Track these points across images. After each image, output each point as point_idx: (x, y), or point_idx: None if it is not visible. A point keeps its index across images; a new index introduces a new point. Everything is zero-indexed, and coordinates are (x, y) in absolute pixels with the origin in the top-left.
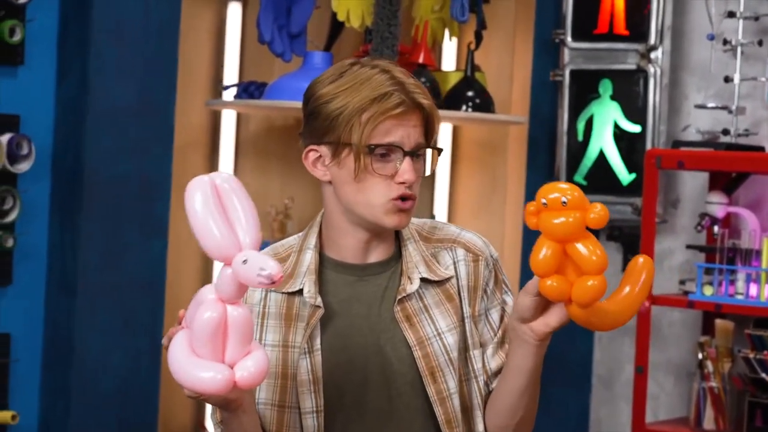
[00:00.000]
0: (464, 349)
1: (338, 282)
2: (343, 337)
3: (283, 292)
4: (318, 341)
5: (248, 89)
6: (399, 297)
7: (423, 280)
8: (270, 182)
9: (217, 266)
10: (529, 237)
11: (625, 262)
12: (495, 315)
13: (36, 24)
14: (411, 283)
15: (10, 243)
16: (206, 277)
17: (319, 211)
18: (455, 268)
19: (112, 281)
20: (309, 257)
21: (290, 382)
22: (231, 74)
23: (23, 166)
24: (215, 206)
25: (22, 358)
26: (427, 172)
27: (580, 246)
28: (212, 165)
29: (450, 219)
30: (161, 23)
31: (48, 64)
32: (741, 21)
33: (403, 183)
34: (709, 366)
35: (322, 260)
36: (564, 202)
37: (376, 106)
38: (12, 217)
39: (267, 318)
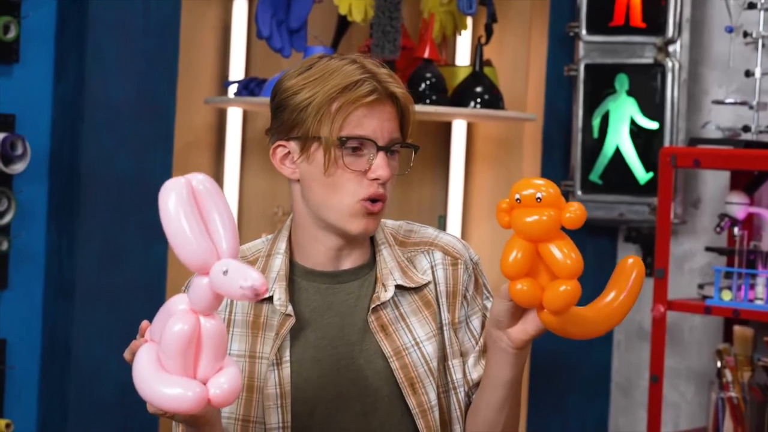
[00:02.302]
0: (443, 358)
1: (309, 290)
2: (315, 349)
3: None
4: (287, 353)
5: (249, 86)
6: (373, 306)
7: (398, 287)
8: (277, 182)
9: None
10: None
11: (644, 265)
12: (476, 322)
13: (32, 20)
14: (385, 291)
15: (5, 246)
16: None
17: None
18: (433, 272)
19: (112, 285)
20: (279, 263)
21: (256, 395)
22: (237, 71)
23: (18, 167)
24: (191, 210)
25: (18, 365)
26: (401, 171)
27: (553, 247)
28: (217, 164)
29: (464, 218)
30: (162, 18)
31: (44, 61)
32: (762, 12)
33: (376, 179)
34: (728, 375)
35: (292, 267)
36: (538, 199)
37: (346, 94)
38: (7, 219)
39: (233, 326)
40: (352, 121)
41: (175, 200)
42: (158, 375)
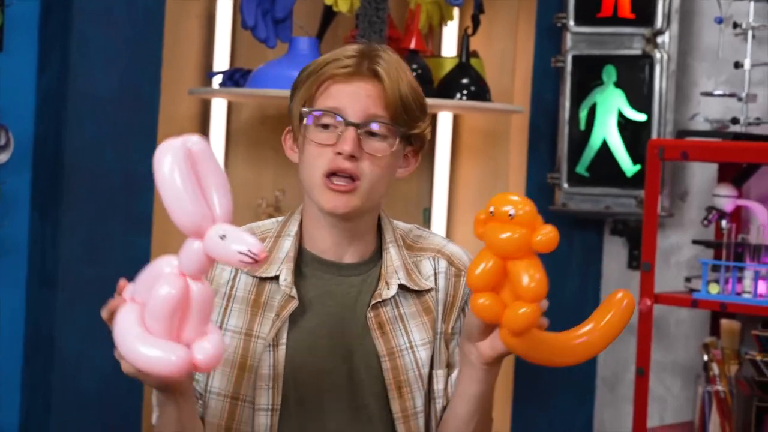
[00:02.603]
0: (431, 366)
1: (313, 277)
2: (312, 336)
3: (255, 276)
4: (285, 336)
5: (233, 77)
6: (374, 302)
7: (401, 287)
8: (262, 174)
9: None
10: None
11: (630, 258)
12: None
13: (15, 8)
14: (388, 289)
15: None
16: None
17: None
18: (435, 279)
19: (95, 276)
20: (288, 245)
21: (248, 374)
22: (222, 62)
23: (2, 157)
24: (187, 172)
25: (1, 356)
26: (384, 153)
27: (520, 267)
28: None
29: (450, 210)
30: (146, 8)
31: (28, 50)
32: (752, 3)
33: (339, 154)
34: (715, 369)
35: (300, 252)
36: (510, 216)
37: (323, 68)
38: None
39: (233, 301)
40: (323, 94)
41: (171, 162)
42: (142, 336)
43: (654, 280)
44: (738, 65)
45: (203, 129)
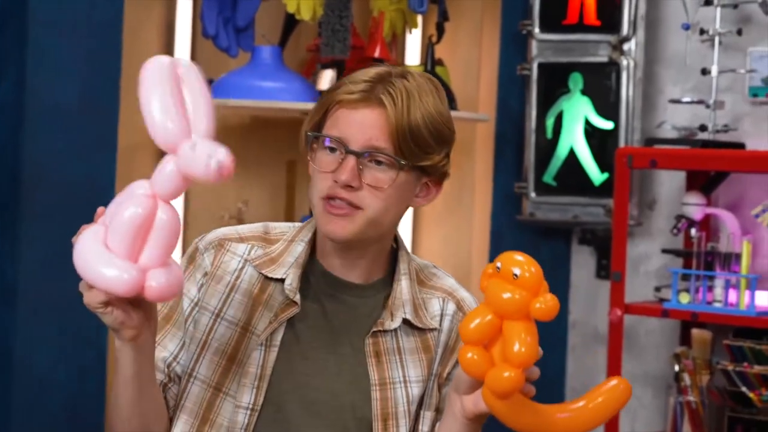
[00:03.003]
0: (420, 406)
1: (318, 288)
2: (306, 346)
3: (261, 273)
4: (279, 337)
5: None
6: (374, 329)
7: (405, 321)
8: (223, 185)
9: None
10: (498, 242)
11: (599, 268)
12: None
13: None
14: (392, 320)
15: None
16: None
17: (276, 215)
18: (441, 320)
19: (56, 291)
20: (300, 250)
21: (235, 368)
22: None
23: None
24: (170, 88)
25: None
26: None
27: (514, 330)
28: None
29: (414, 222)
30: (105, 16)
31: None
32: (719, 9)
33: (336, 181)
34: (686, 379)
35: (311, 260)
36: (515, 276)
37: (335, 92)
38: None
39: (236, 291)
40: (331, 120)
41: (156, 75)
42: (100, 254)
43: (624, 290)
44: (705, 72)
45: None
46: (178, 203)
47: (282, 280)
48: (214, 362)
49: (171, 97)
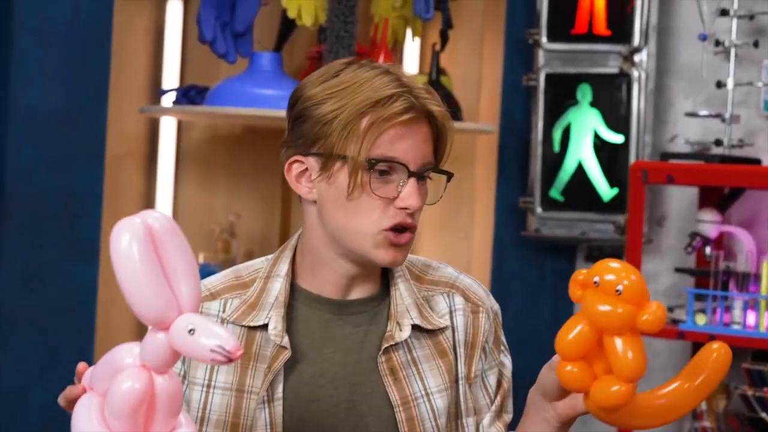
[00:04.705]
0: (455, 415)
1: (310, 319)
2: (311, 387)
3: (243, 326)
4: (280, 389)
5: (188, 94)
6: (385, 345)
7: (414, 327)
8: (214, 197)
9: None
10: (501, 257)
11: None
12: (492, 379)
13: None
14: (401, 330)
15: None
16: None
17: (270, 228)
18: (452, 317)
19: (35, 309)
20: (278, 287)
21: None
22: (171, 78)
23: None
24: (149, 255)
25: None
26: (434, 200)
27: (619, 343)
28: (149, 178)
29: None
30: (92, 21)
31: None
32: (735, 20)
33: (404, 209)
34: (702, 404)
35: (293, 291)
36: (618, 291)
37: (379, 110)
38: None
39: None
40: (384, 142)
41: (130, 243)
42: None
43: None
44: (720, 85)
45: (151, 149)
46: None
47: (266, 325)
48: None
49: (149, 265)
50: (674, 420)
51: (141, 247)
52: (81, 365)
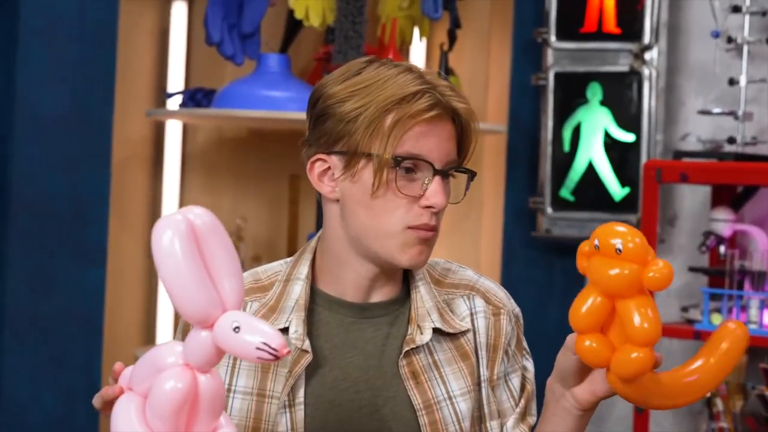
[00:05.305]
0: (479, 419)
1: (331, 323)
2: (333, 391)
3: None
4: (301, 393)
5: (195, 97)
6: (406, 349)
7: (436, 330)
8: (220, 200)
9: (163, 299)
10: (510, 258)
11: None
12: (515, 381)
13: None
14: (422, 333)
15: None
16: (150, 309)
17: (278, 232)
18: (473, 320)
19: (43, 314)
20: (298, 290)
21: None
22: (176, 81)
23: None
24: (191, 252)
25: None
26: (457, 199)
27: (632, 307)
28: (155, 182)
29: None
30: (97, 24)
31: None
32: (747, 16)
33: (429, 207)
34: (719, 404)
35: (313, 295)
36: (618, 250)
37: (404, 107)
38: None
39: (240, 360)
40: (409, 139)
41: (172, 240)
42: None
43: None
44: (733, 82)
45: (156, 153)
46: None
47: (287, 329)
48: None
49: (192, 262)
50: (697, 399)
51: (183, 244)
52: (118, 365)
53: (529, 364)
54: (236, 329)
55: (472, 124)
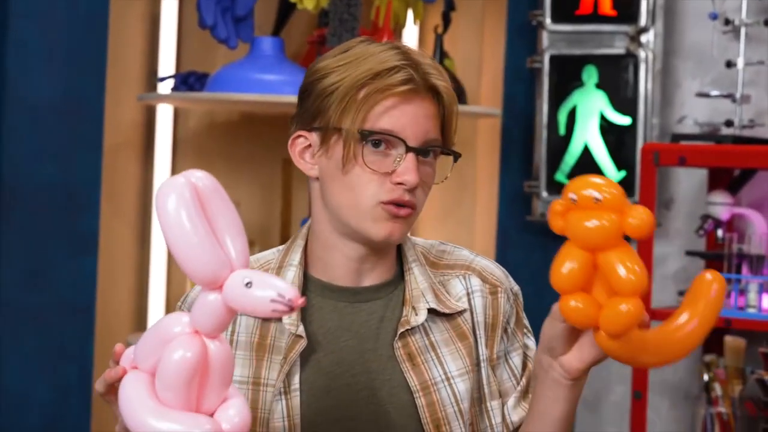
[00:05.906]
0: (479, 399)
1: (325, 308)
2: (328, 377)
3: (256, 317)
4: (297, 379)
5: (187, 81)
6: (401, 330)
7: (431, 311)
8: None
9: (155, 286)
10: (505, 243)
11: None
12: (516, 360)
13: None
14: (416, 315)
15: None
16: (142, 299)
17: (271, 217)
18: (469, 300)
19: (35, 304)
20: (291, 276)
21: (259, 429)
22: (167, 65)
23: None
24: (197, 213)
25: None
26: (440, 179)
27: (614, 258)
28: (146, 167)
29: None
30: (89, 8)
31: None
32: None
33: (400, 184)
34: (717, 389)
35: (306, 281)
36: (597, 200)
37: (376, 81)
38: None
39: (235, 348)
40: (379, 114)
41: (177, 202)
42: (158, 411)
43: (651, 295)
44: (730, 64)
45: (148, 137)
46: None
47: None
48: None
49: (199, 224)
50: (686, 354)
51: (189, 206)
52: (118, 346)
53: (531, 342)
54: (248, 284)
55: (454, 105)
